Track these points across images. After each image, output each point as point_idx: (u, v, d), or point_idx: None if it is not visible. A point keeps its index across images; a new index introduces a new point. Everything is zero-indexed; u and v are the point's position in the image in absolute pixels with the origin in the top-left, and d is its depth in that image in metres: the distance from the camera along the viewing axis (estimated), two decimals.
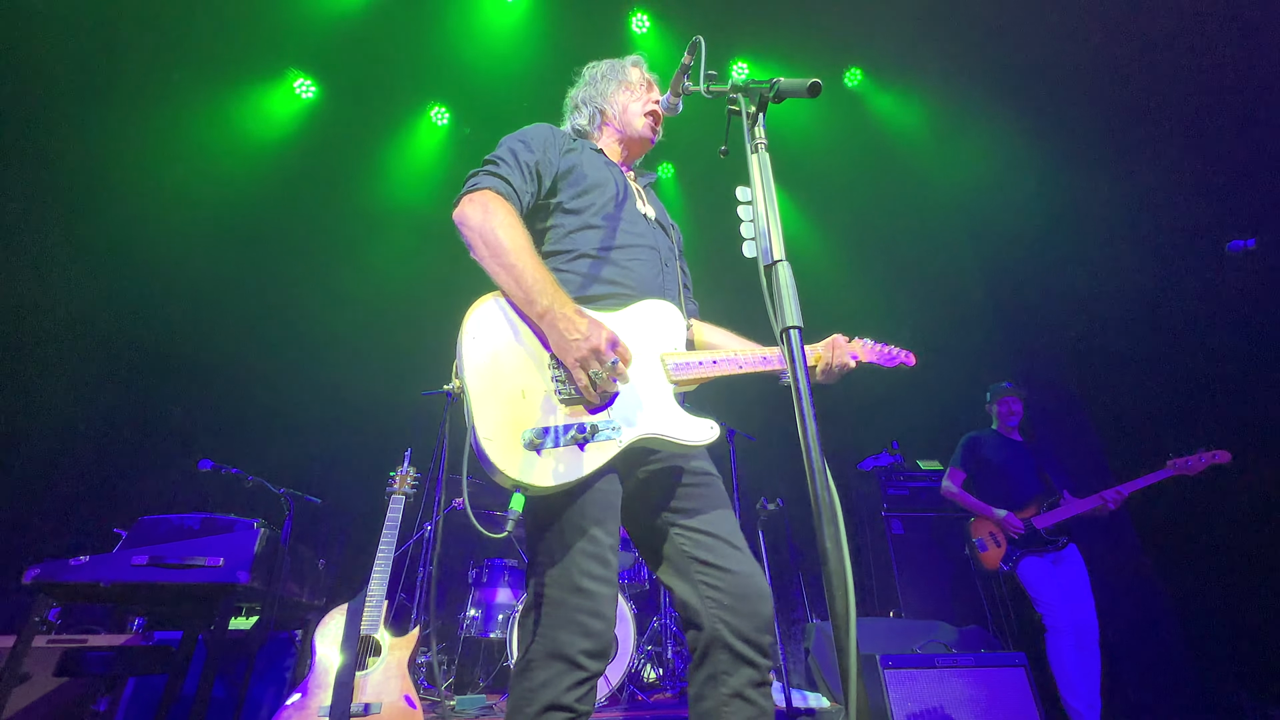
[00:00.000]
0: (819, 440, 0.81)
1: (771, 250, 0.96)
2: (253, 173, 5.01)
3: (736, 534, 1.28)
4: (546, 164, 1.45)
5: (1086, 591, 3.14)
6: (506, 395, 1.13)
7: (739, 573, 1.20)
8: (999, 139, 4.91)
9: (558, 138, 1.52)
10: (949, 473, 3.67)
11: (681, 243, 1.74)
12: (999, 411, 3.73)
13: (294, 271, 5.38)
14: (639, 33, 5.08)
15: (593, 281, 1.37)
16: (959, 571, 3.84)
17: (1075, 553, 3.24)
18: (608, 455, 1.14)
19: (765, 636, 1.17)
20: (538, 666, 1.05)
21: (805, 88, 1.02)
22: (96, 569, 2.25)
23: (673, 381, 1.29)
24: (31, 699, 2.57)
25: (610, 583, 1.12)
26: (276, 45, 4.76)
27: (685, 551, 1.25)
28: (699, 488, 1.32)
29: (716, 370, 1.34)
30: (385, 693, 2.36)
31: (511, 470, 1.06)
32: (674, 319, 1.38)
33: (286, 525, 2.70)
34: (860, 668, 0.73)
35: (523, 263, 1.21)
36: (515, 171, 1.38)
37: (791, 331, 0.90)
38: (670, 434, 1.22)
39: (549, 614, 1.08)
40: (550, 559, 1.13)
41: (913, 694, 2.51)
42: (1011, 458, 3.55)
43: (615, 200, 1.47)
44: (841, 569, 0.76)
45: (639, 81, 1.70)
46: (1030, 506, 3.32)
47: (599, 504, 1.17)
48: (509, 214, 1.29)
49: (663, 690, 3.76)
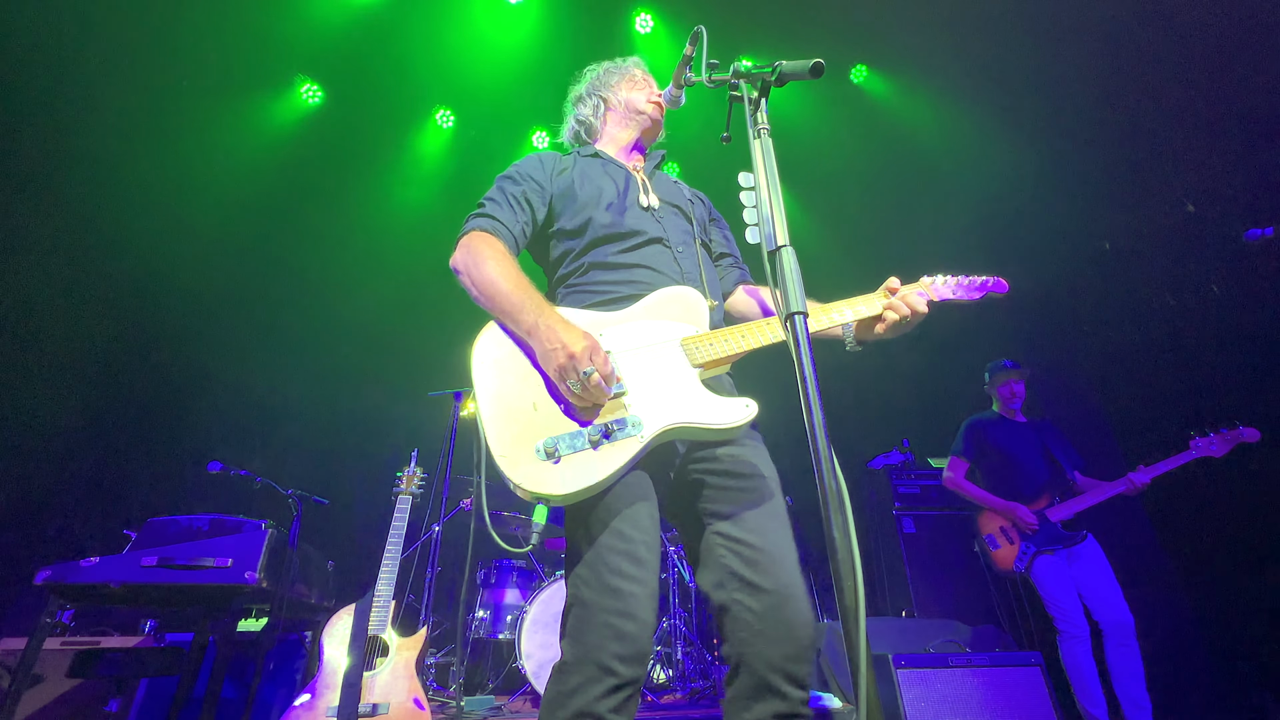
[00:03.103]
0: (825, 427, 0.79)
1: (775, 235, 0.94)
2: (260, 177, 5.04)
3: (782, 544, 1.15)
4: (535, 189, 1.48)
5: (1112, 585, 2.91)
6: (518, 411, 1.14)
7: (774, 592, 1.08)
8: (1007, 131, 4.85)
9: (547, 163, 1.55)
10: (950, 461, 3.44)
11: (708, 212, 1.69)
12: (1000, 394, 3.49)
13: (302, 273, 5.42)
14: (642, 33, 5.08)
15: (605, 288, 1.37)
16: (972, 570, 3.77)
17: (1093, 545, 3.01)
18: (630, 453, 1.10)
19: (798, 666, 1.04)
20: (571, 670, 1.01)
21: (808, 68, 1.00)
22: (107, 570, 2.27)
23: (696, 365, 1.23)
24: (45, 700, 2.60)
25: (643, 582, 1.06)
26: (283, 51, 4.79)
27: (722, 562, 1.14)
28: (745, 491, 1.21)
29: (744, 344, 1.25)
30: (393, 693, 2.36)
31: (527, 483, 1.05)
32: (693, 302, 1.32)
33: (295, 526, 2.70)
34: (871, 660, 0.70)
35: (504, 285, 1.24)
36: (503, 207, 1.42)
37: (796, 317, 0.88)
38: (697, 420, 1.15)
39: (581, 616, 1.05)
40: (582, 559, 1.10)
41: (927, 694, 2.47)
42: (1018, 442, 3.29)
43: (614, 205, 1.47)
44: (850, 558, 0.74)
45: (641, 77, 1.74)
46: (1042, 496, 3.08)
47: (630, 500, 1.12)
48: (490, 245, 1.32)
49: (672, 691, 3.73)
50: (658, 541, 1.14)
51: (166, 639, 2.94)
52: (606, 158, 1.62)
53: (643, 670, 1.01)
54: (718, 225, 1.69)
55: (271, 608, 2.50)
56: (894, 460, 4.37)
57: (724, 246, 1.64)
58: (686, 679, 3.75)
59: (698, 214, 1.61)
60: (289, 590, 2.52)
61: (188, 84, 4.54)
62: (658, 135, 1.73)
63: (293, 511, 2.89)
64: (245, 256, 5.16)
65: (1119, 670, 2.79)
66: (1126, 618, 2.84)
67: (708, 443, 1.26)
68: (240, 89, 4.84)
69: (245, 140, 4.96)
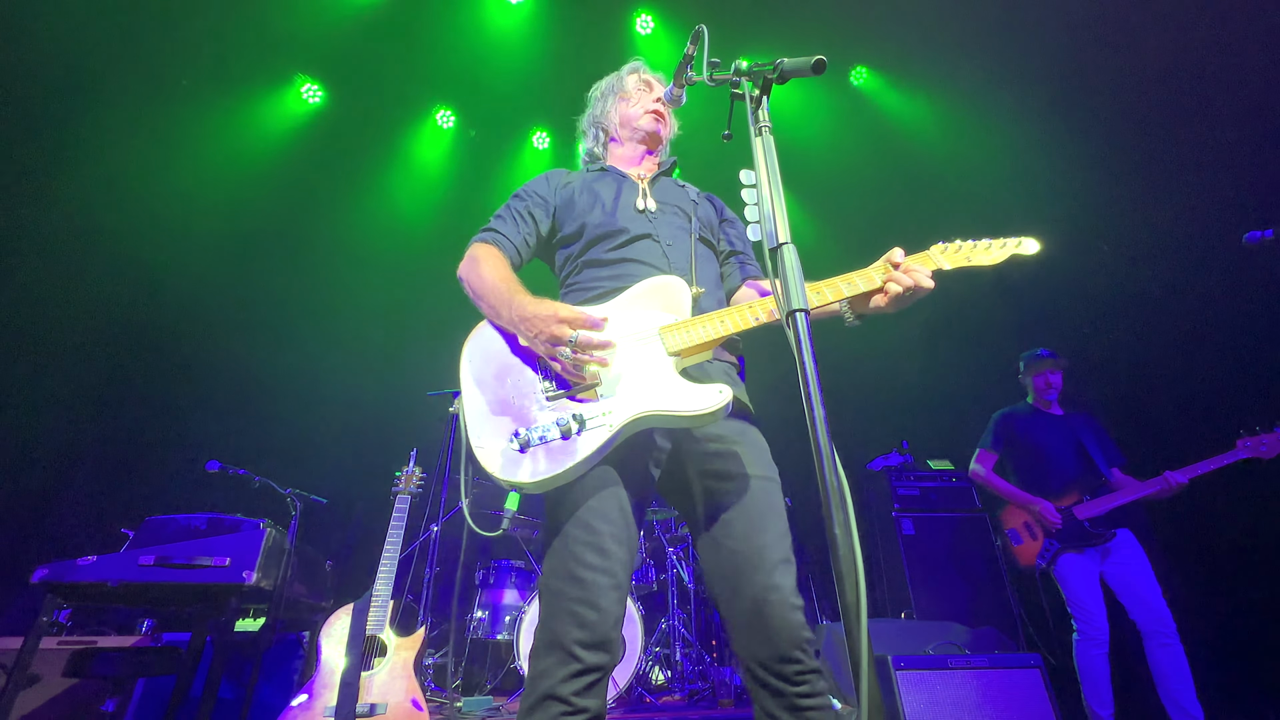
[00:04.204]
0: (827, 425, 0.79)
1: (777, 233, 0.94)
2: (259, 176, 5.04)
3: (766, 550, 1.15)
4: (539, 202, 1.58)
5: (1151, 584, 2.75)
6: (497, 404, 1.21)
7: (752, 597, 1.11)
8: (1008, 134, 4.86)
9: (553, 178, 1.65)
10: (978, 455, 3.33)
11: (718, 213, 1.69)
12: (1035, 385, 3.31)
13: (301, 272, 5.41)
14: (643, 34, 5.08)
15: (596, 283, 1.42)
16: (971, 571, 3.76)
17: (1129, 541, 2.85)
18: (598, 442, 1.12)
19: (784, 665, 1.07)
20: (539, 655, 1.06)
21: (810, 65, 1.00)
22: (104, 569, 2.26)
23: (673, 354, 1.22)
24: (41, 700, 2.58)
25: (607, 572, 1.09)
26: (284, 51, 4.80)
27: (707, 564, 1.20)
28: (732, 494, 1.22)
29: (722, 329, 1.22)
30: (391, 693, 2.35)
31: (500, 472, 1.12)
32: (675, 290, 1.31)
33: (293, 525, 2.70)
34: (872, 659, 0.70)
35: (490, 281, 1.33)
36: (506, 221, 1.54)
37: (798, 315, 0.87)
38: (665, 408, 1.14)
39: (549, 603, 1.09)
40: (551, 548, 1.15)
41: (926, 696, 2.46)
42: (1049, 436, 3.13)
43: (608, 208, 1.52)
44: (851, 556, 0.73)
45: (636, 87, 1.76)
46: (1071, 493, 2.94)
47: (601, 493, 1.15)
48: (488, 253, 1.43)
49: (671, 693, 3.72)
50: (628, 534, 1.15)
51: (164, 639, 2.93)
52: (613, 170, 1.67)
53: (606, 657, 1.05)
54: (730, 225, 1.68)
55: (269, 607, 2.50)
56: (893, 462, 4.36)
57: (734, 245, 1.64)
58: (685, 680, 3.74)
59: (701, 213, 1.61)
60: (287, 590, 2.51)
61: (188, 83, 4.55)
62: (665, 136, 1.73)
63: (291, 511, 2.88)
64: (243, 255, 5.15)
65: (1164, 673, 2.64)
66: (1165, 616, 2.70)
67: (702, 437, 1.26)
68: (240, 88, 4.84)
69: (245, 139, 4.96)
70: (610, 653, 1.06)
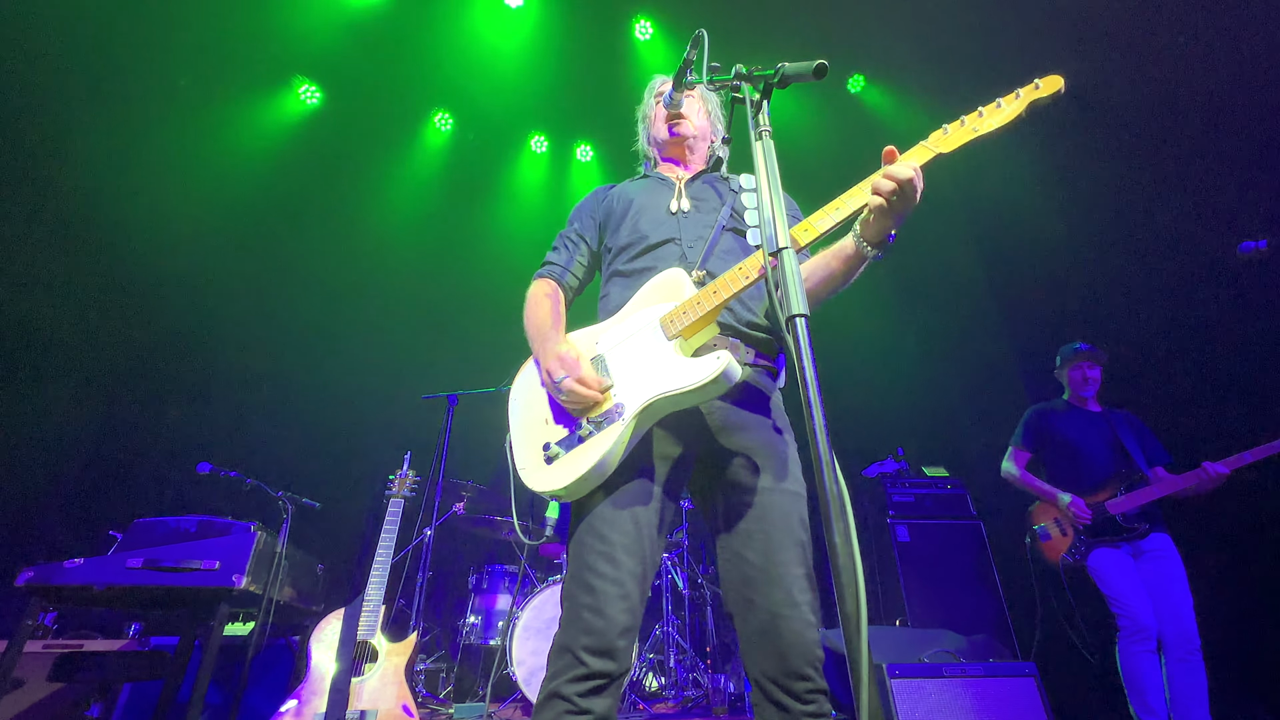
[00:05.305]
0: (827, 431, 0.78)
1: (777, 237, 0.94)
2: (254, 178, 5.02)
3: (785, 565, 1.14)
4: (587, 223, 1.66)
5: (1182, 590, 2.64)
6: (533, 427, 1.32)
7: (766, 610, 1.11)
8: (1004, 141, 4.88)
9: (599, 194, 1.73)
10: (1010, 453, 3.22)
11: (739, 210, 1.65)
12: (1071, 379, 3.20)
13: (294, 274, 5.38)
14: (642, 39, 5.09)
15: (614, 294, 1.47)
16: (966, 579, 3.76)
17: (1164, 543, 2.74)
18: (613, 437, 1.17)
19: (795, 683, 1.06)
20: (553, 657, 1.11)
21: (811, 70, 1.00)
22: (91, 571, 2.23)
23: (673, 338, 1.24)
24: (24, 705, 2.54)
25: (616, 582, 1.11)
26: (282, 52, 4.79)
27: (726, 576, 1.21)
28: (751, 505, 1.21)
29: (715, 298, 1.21)
30: (382, 699, 2.32)
31: (535, 484, 1.23)
32: (675, 281, 1.32)
33: (284, 529, 2.66)
34: (871, 667, 0.69)
35: (533, 324, 1.44)
36: (558, 250, 1.64)
37: (797, 320, 0.87)
38: (668, 388, 1.16)
39: (565, 607, 1.14)
40: (570, 556, 1.20)
41: (920, 704, 2.45)
42: (1085, 432, 3.02)
43: (639, 215, 1.56)
44: (851, 565, 0.72)
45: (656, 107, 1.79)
46: (1105, 489, 2.84)
47: (618, 505, 1.18)
48: (536, 291, 1.54)
49: (664, 700, 3.70)
50: (642, 546, 1.16)
51: (151, 643, 2.89)
52: (654, 176, 1.70)
53: (612, 665, 1.07)
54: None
55: (259, 612, 2.46)
56: (888, 469, 4.36)
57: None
58: (679, 687, 3.72)
59: (737, 203, 1.55)
60: (277, 594, 2.48)
61: (185, 84, 4.53)
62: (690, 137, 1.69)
63: (283, 514, 2.85)
64: (239, 258, 5.12)
65: (1179, 688, 2.56)
66: (1192, 630, 2.59)
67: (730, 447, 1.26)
68: (239, 89, 4.83)
69: (243, 140, 4.94)
70: (616, 660, 1.07)
